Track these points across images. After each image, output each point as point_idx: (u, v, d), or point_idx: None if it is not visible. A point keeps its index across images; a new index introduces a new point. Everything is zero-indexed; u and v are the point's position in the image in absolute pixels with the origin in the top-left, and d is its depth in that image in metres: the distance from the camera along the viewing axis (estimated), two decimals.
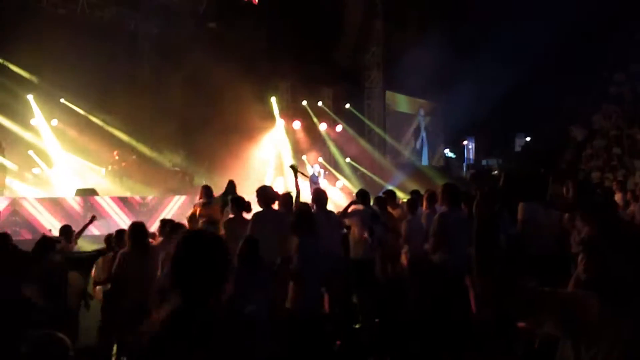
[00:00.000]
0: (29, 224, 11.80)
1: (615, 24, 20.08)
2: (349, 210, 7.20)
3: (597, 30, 20.00)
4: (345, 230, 7.16)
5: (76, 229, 7.19)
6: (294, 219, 5.16)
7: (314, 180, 16.10)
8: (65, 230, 6.91)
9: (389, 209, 7.94)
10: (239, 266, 4.60)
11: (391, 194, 8.42)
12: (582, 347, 1.80)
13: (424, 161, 26.29)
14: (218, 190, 8.52)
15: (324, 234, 6.39)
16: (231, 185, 8.06)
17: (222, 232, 6.58)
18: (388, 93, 24.08)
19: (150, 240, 6.36)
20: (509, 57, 19.88)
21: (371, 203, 7.76)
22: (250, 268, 4.58)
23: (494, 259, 1.93)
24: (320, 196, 6.63)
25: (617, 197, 9.47)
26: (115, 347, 5.51)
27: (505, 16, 21.30)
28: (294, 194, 6.80)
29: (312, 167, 18.88)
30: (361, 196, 7.37)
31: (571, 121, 21.64)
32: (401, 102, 25.61)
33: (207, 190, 8.30)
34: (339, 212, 7.26)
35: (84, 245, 7.69)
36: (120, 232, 6.25)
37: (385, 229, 7.05)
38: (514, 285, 1.88)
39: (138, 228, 5.56)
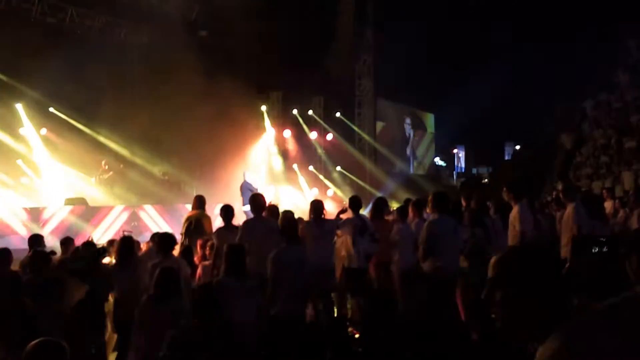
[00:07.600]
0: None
1: (605, 32, 20.27)
2: (341, 220, 7.17)
3: (586, 39, 20.17)
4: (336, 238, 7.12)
5: None
6: (280, 226, 5.22)
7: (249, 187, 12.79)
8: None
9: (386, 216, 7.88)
10: (225, 275, 4.53)
11: (383, 202, 8.34)
12: None
13: (411, 169, 26.38)
14: (210, 198, 8.49)
15: (315, 244, 6.37)
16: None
17: (214, 241, 6.55)
18: (378, 101, 24.13)
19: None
20: (500, 67, 19.99)
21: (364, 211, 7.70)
22: (236, 277, 4.50)
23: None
24: (315, 206, 6.64)
25: (607, 204, 9.49)
26: None
27: (496, 25, 21.51)
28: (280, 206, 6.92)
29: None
30: (353, 204, 7.29)
31: (560, 129, 21.75)
32: (391, 111, 25.68)
33: (199, 200, 8.24)
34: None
35: None
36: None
37: (373, 241, 6.96)
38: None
39: (126, 243, 5.66)
